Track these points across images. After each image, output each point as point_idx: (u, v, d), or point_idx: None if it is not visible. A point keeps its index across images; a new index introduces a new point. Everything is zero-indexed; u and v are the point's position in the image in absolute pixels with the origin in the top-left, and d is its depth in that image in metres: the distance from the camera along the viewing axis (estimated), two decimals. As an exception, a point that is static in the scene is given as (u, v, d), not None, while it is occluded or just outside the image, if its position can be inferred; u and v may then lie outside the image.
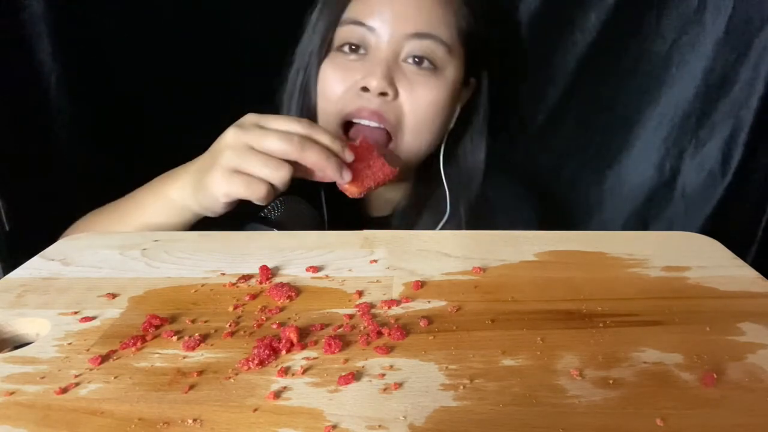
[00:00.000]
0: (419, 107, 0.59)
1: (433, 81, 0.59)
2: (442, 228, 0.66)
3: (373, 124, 0.58)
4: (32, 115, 0.63)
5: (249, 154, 0.48)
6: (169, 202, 0.52)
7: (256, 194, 0.48)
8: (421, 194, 0.68)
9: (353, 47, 0.59)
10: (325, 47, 0.60)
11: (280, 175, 0.48)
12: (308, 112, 0.62)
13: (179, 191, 0.51)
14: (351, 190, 0.53)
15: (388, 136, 0.60)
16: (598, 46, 0.73)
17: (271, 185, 0.48)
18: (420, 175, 0.68)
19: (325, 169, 0.50)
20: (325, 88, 0.60)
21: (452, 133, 0.66)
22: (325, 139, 0.50)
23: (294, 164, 0.49)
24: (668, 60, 0.74)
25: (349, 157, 0.52)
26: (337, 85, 0.59)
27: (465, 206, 0.67)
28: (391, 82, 0.57)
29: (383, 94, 0.57)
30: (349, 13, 0.59)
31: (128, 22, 0.69)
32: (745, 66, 0.72)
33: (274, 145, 0.48)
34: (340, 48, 0.60)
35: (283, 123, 0.49)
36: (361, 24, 0.58)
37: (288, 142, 0.48)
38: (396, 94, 0.58)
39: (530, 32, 0.73)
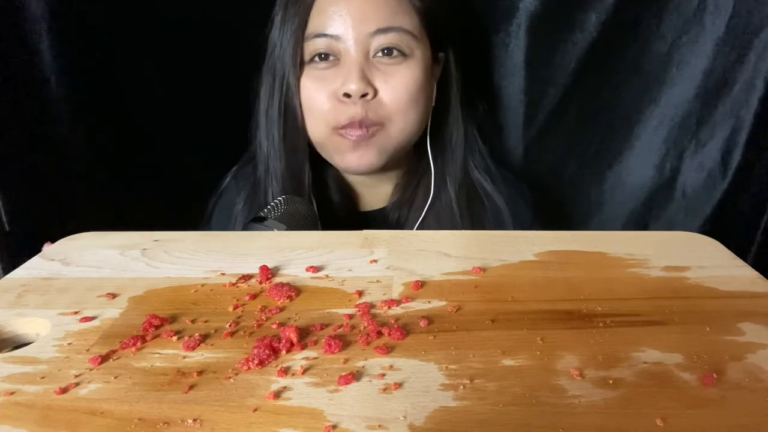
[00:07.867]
0: (399, 94, 0.61)
1: (404, 66, 0.61)
2: (431, 206, 0.67)
3: (361, 132, 0.60)
4: (32, 115, 0.63)
5: None
6: None
7: None
8: (412, 182, 0.70)
9: (323, 56, 0.61)
10: (298, 63, 0.61)
11: None
12: (295, 130, 0.63)
13: None
14: None
15: (380, 128, 0.61)
16: (598, 46, 0.73)
17: None
18: (410, 164, 0.70)
19: None
20: (310, 102, 0.62)
21: (435, 111, 0.67)
22: None
23: None
24: (668, 60, 0.74)
25: None
26: (321, 96, 0.61)
27: (453, 183, 0.68)
28: (368, 82, 0.59)
29: (364, 95, 0.59)
30: (311, 27, 0.60)
31: (129, 22, 0.68)
32: (745, 66, 0.71)
33: None
34: (311, 61, 0.62)
35: None
36: (324, 35, 0.60)
37: None
38: (375, 91, 0.60)
39: (530, 32, 0.73)
